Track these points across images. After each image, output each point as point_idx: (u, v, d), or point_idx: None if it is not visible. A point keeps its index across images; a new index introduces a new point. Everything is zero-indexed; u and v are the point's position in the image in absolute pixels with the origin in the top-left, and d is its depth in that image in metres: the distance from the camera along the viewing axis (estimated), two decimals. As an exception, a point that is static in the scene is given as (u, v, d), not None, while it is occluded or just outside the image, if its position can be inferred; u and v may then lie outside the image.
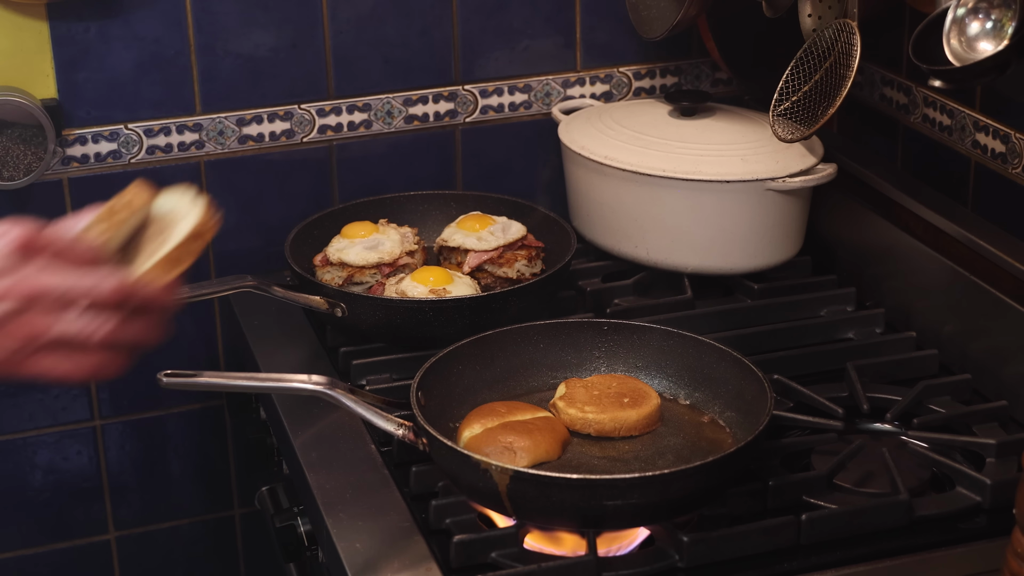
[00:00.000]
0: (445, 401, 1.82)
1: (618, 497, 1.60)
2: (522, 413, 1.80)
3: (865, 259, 2.26)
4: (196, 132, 2.33)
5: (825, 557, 1.67)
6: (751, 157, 2.19)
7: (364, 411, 1.72)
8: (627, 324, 1.94)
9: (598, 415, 1.81)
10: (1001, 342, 1.98)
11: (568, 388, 1.86)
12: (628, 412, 1.81)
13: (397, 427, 1.71)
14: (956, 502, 1.75)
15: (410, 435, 1.71)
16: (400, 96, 2.41)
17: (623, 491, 1.60)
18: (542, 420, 1.79)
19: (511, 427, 1.76)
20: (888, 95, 2.29)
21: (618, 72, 2.49)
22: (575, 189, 2.33)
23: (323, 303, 2.07)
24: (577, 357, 1.93)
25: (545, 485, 1.61)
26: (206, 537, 2.54)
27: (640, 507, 1.62)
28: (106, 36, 2.26)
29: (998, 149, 2.06)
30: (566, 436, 1.80)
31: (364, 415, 1.72)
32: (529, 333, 1.92)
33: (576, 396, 1.84)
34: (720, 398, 1.85)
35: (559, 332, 1.93)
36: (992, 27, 1.84)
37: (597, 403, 1.82)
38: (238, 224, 2.38)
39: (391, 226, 2.26)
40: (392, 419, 1.72)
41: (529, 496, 1.62)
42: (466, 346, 1.88)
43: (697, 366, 1.88)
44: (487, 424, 1.78)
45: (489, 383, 1.88)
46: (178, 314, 2.33)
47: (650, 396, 1.84)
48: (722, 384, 1.85)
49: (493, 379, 1.89)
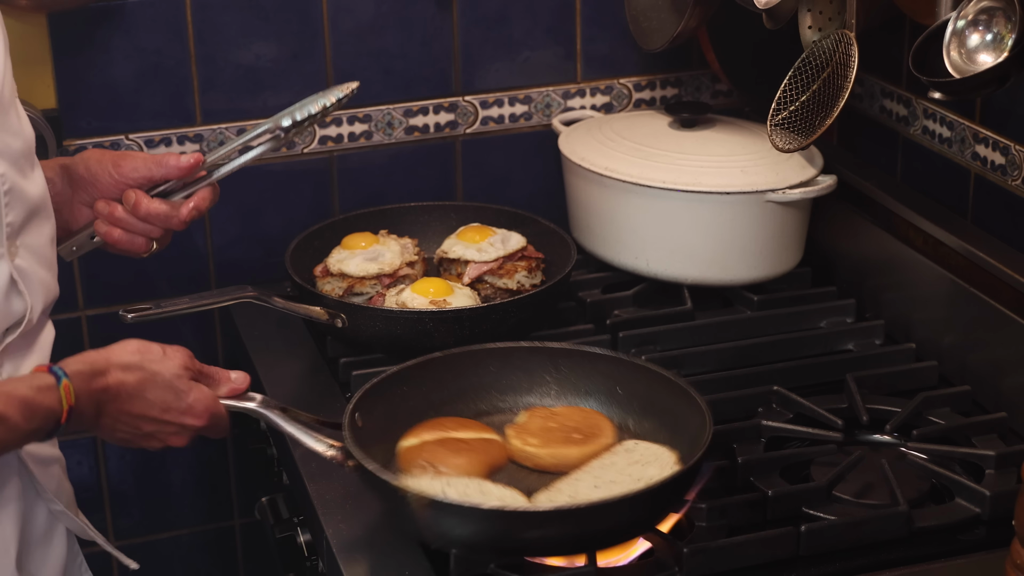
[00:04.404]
0: (389, 422, 1.79)
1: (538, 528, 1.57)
2: (467, 432, 1.78)
3: (865, 271, 2.27)
4: (197, 143, 2.33)
5: (824, 568, 1.67)
6: (751, 169, 2.19)
7: (295, 431, 1.70)
8: (578, 350, 1.90)
9: (538, 449, 1.77)
10: (1001, 354, 1.98)
11: (527, 417, 1.83)
12: (570, 449, 1.76)
13: (327, 448, 1.69)
14: (955, 513, 1.75)
15: (339, 456, 1.68)
16: (400, 107, 2.41)
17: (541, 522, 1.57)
18: (480, 442, 1.77)
19: (445, 444, 1.74)
20: (888, 107, 2.30)
21: (618, 83, 2.49)
22: (575, 200, 2.33)
23: (323, 314, 2.07)
24: (528, 381, 1.89)
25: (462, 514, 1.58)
26: (206, 547, 2.54)
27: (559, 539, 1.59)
28: (107, 46, 2.26)
29: (998, 161, 2.06)
30: (500, 462, 1.76)
31: (294, 435, 1.70)
32: (480, 356, 1.88)
33: (528, 427, 1.80)
34: (667, 427, 1.80)
35: (511, 356, 1.89)
36: (992, 39, 1.84)
37: (545, 436, 1.78)
38: (239, 235, 2.39)
39: (391, 237, 2.26)
40: (322, 440, 1.69)
41: (446, 525, 1.60)
42: (412, 368, 1.84)
43: (646, 394, 1.83)
44: (425, 437, 1.76)
45: (436, 405, 1.84)
46: (179, 324, 2.36)
47: (603, 435, 1.79)
48: (668, 413, 1.80)
49: (441, 401, 1.85)
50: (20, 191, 1.63)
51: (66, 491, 1.78)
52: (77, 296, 2.34)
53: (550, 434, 1.78)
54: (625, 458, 1.73)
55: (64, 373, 1.54)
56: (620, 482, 1.67)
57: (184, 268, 2.37)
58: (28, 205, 1.65)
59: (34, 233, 1.67)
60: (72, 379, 1.54)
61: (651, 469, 1.68)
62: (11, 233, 1.62)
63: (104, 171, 1.82)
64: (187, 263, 2.37)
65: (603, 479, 1.69)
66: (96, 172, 1.82)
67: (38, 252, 1.68)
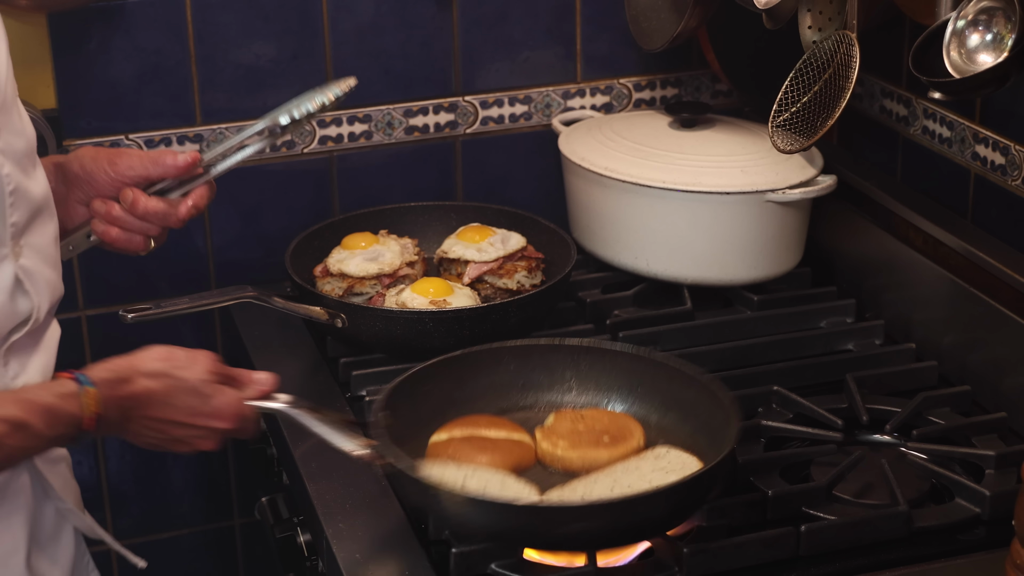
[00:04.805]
0: (412, 421, 1.79)
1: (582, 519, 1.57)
2: (497, 431, 1.78)
3: (865, 271, 2.27)
4: (197, 142, 2.33)
5: (824, 568, 1.67)
6: (751, 169, 2.19)
7: (324, 430, 1.70)
8: (599, 347, 1.90)
9: (566, 452, 1.77)
10: (1001, 354, 1.98)
11: (555, 419, 1.83)
12: (599, 452, 1.76)
13: (358, 447, 1.69)
14: (955, 513, 1.75)
15: (371, 455, 1.68)
16: (400, 107, 2.41)
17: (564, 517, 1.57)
18: (508, 442, 1.77)
19: (472, 441, 1.75)
20: (888, 107, 2.30)
21: (618, 83, 2.49)
22: (575, 200, 2.33)
23: (323, 314, 2.07)
24: (549, 379, 1.89)
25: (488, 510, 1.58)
26: (206, 547, 2.54)
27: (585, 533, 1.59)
28: (107, 46, 2.26)
29: (998, 161, 2.06)
30: (526, 463, 1.77)
31: (324, 434, 1.70)
32: (500, 354, 1.88)
33: (557, 429, 1.80)
34: (689, 423, 1.80)
35: (531, 354, 1.89)
36: (992, 39, 1.84)
37: (573, 439, 1.78)
38: (239, 234, 2.39)
39: (391, 237, 2.26)
40: (353, 439, 1.69)
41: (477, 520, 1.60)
42: (435, 366, 1.84)
43: (668, 390, 1.83)
44: (454, 433, 1.77)
45: (459, 403, 1.84)
46: (179, 324, 2.36)
47: (632, 438, 1.78)
48: (690, 409, 1.80)
49: (463, 399, 1.85)
50: (24, 191, 1.63)
51: (73, 489, 1.79)
52: (77, 296, 2.34)
53: (578, 437, 1.78)
54: (652, 464, 1.72)
55: (88, 380, 1.54)
56: (638, 487, 1.67)
57: (184, 268, 2.37)
58: (32, 205, 1.65)
59: (38, 232, 1.67)
60: (97, 386, 1.55)
61: (672, 477, 1.67)
62: (15, 233, 1.62)
63: (100, 169, 1.81)
64: (187, 263, 2.37)
65: (622, 483, 1.69)
66: (92, 170, 1.81)
67: (42, 251, 1.68)
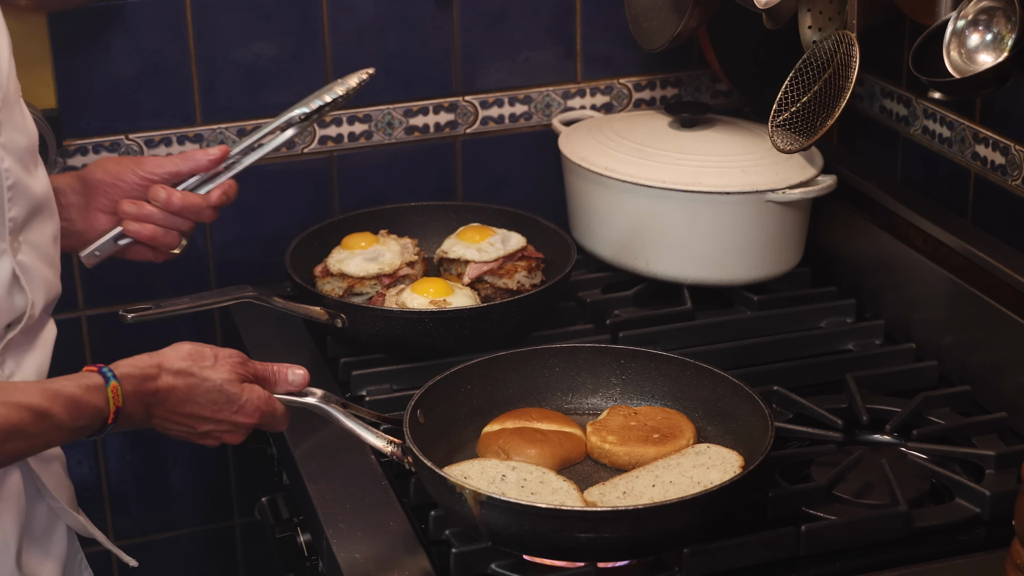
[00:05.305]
0: (451, 420, 1.80)
1: (590, 530, 1.57)
2: (550, 424, 1.79)
3: (865, 271, 2.27)
4: (197, 142, 2.33)
5: (824, 568, 1.67)
6: (751, 169, 2.19)
7: (355, 426, 1.71)
8: (645, 352, 1.90)
9: (614, 447, 1.78)
10: (1001, 354, 1.98)
11: (608, 414, 1.84)
12: (647, 449, 1.77)
13: (387, 444, 1.70)
14: (955, 513, 1.75)
15: (398, 453, 1.69)
16: (400, 107, 2.41)
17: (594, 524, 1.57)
18: (558, 435, 1.78)
19: (522, 433, 1.76)
20: (888, 107, 2.30)
21: (618, 83, 2.49)
22: (575, 200, 2.33)
23: (323, 314, 2.07)
24: (594, 382, 1.90)
25: (516, 512, 1.58)
26: (206, 547, 2.54)
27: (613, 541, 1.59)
28: (107, 46, 2.26)
29: (998, 161, 2.06)
30: (575, 457, 1.78)
31: (354, 430, 1.70)
32: (545, 356, 1.89)
33: (608, 424, 1.81)
34: (731, 432, 1.81)
35: (576, 356, 1.90)
36: (992, 39, 1.84)
37: (623, 435, 1.79)
38: (239, 234, 2.39)
39: (391, 237, 2.26)
40: (382, 436, 1.70)
41: (501, 523, 1.60)
42: (477, 366, 1.85)
43: (712, 399, 1.84)
44: (507, 424, 1.78)
45: (500, 404, 1.85)
46: (179, 324, 2.36)
47: (682, 436, 1.79)
48: (734, 419, 1.81)
49: (505, 400, 1.86)
50: (24, 187, 1.64)
51: (66, 488, 1.79)
52: (77, 296, 2.34)
53: (629, 433, 1.79)
54: (692, 460, 1.73)
55: (113, 375, 1.56)
56: (678, 483, 1.68)
57: (184, 268, 2.37)
58: (31, 201, 1.66)
59: (37, 230, 1.68)
60: (121, 382, 1.56)
61: (713, 473, 1.69)
62: (13, 228, 1.63)
63: (127, 170, 1.87)
64: (187, 263, 2.37)
65: (663, 479, 1.70)
66: (118, 172, 1.87)
67: (40, 249, 1.68)
